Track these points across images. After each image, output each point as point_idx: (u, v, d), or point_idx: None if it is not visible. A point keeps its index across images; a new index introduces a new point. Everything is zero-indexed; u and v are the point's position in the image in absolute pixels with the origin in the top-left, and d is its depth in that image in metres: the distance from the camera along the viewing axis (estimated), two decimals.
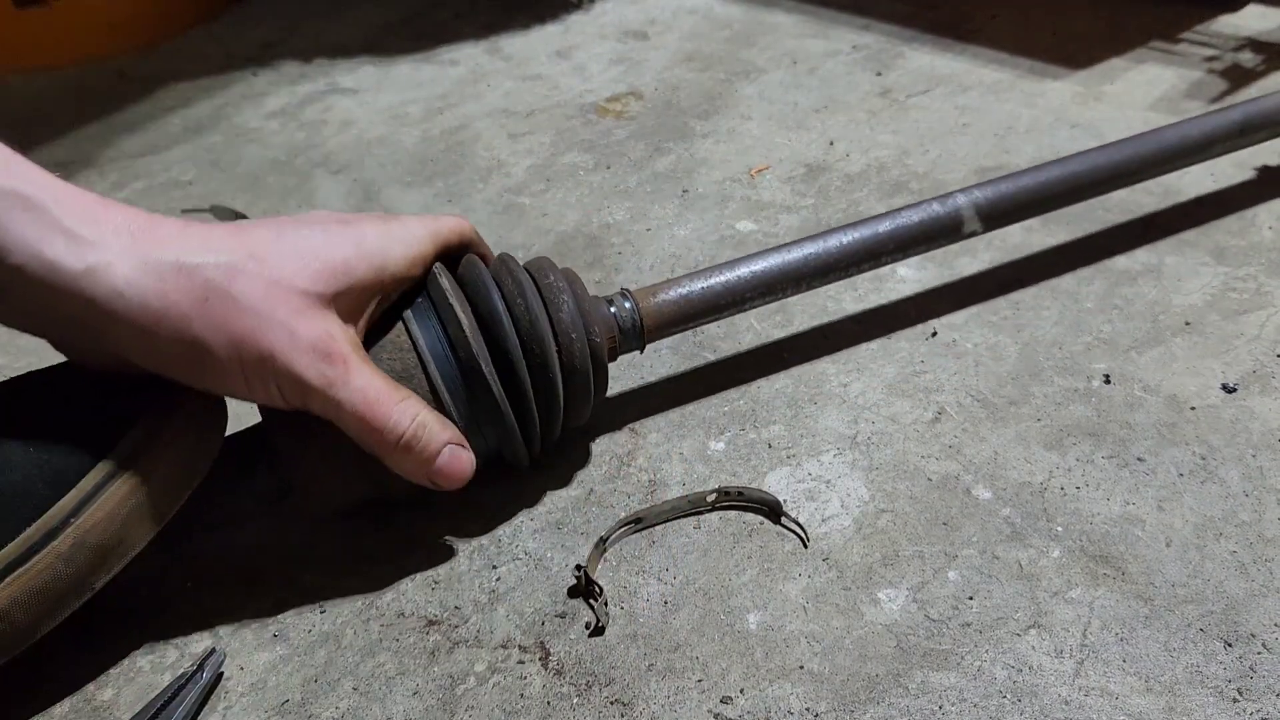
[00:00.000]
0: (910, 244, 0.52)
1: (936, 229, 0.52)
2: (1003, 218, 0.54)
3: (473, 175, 0.78)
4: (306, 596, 0.43)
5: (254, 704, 0.39)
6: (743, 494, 0.45)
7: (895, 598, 0.41)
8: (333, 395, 0.37)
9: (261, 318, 0.36)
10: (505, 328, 0.42)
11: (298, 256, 0.38)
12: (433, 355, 0.41)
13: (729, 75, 0.91)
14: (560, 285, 0.44)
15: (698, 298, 0.48)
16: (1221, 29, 0.90)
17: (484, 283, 0.43)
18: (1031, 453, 0.47)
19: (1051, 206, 0.56)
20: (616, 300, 0.47)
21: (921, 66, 0.89)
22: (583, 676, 0.39)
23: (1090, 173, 0.56)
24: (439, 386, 0.41)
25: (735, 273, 0.49)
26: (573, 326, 0.43)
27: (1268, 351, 0.52)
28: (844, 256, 0.50)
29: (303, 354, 0.37)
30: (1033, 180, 0.54)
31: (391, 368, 0.41)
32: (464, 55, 1.02)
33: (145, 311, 0.35)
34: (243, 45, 1.09)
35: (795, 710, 0.37)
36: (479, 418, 0.43)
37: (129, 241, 0.35)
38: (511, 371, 0.42)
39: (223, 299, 0.36)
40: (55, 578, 0.36)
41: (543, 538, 0.45)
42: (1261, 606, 0.39)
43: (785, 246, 0.50)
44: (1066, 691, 0.37)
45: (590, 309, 0.44)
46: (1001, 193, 0.53)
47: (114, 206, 0.36)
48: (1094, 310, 0.56)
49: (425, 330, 0.42)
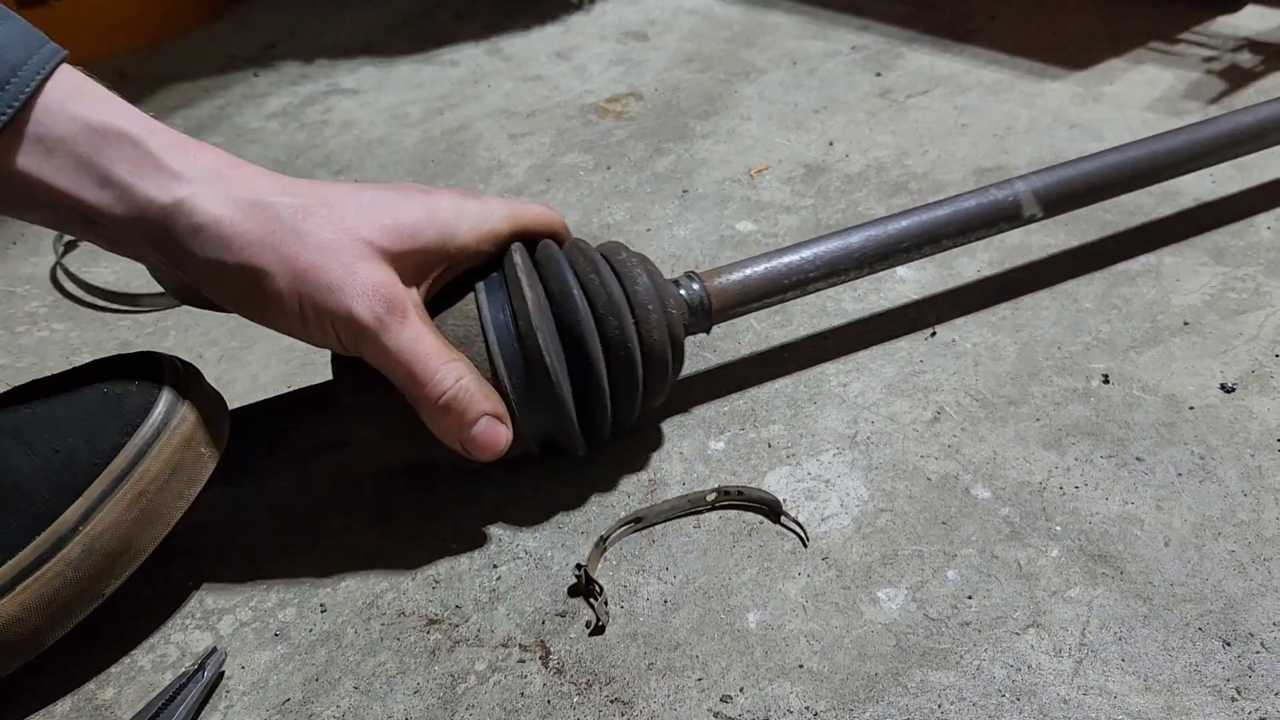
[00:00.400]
0: (969, 228, 0.52)
1: (996, 213, 0.52)
2: (1062, 203, 0.54)
3: (473, 176, 0.78)
4: (307, 596, 0.43)
5: (255, 703, 0.39)
6: (742, 493, 0.45)
7: (894, 597, 0.41)
8: (384, 340, 0.38)
9: (325, 254, 0.38)
10: (576, 301, 0.42)
11: (369, 210, 0.39)
12: (494, 325, 0.42)
13: (729, 76, 0.91)
14: (634, 261, 0.44)
15: (760, 278, 0.48)
16: (1220, 29, 0.90)
17: (556, 259, 0.43)
18: (1030, 452, 0.47)
19: (1112, 193, 0.56)
20: (684, 281, 0.47)
21: (921, 67, 0.89)
22: (583, 675, 0.39)
23: (1150, 159, 0.56)
24: (495, 356, 0.41)
25: (799, 254, 0.49)
26: (649, 298, 0.43)
27: (1266, 351, 0.52)
28: (904, 239, 0.51)
29: (362, 295, 0.38)
30: (1093, 166, 0.55)
31: (454, 334, 0.42)
32: (464, 56, 1.02)
33: (218, 240, 0.37)
34: (244, 46, 1.09)
35: (795, 709, 0.37)
36: (534, 394, 0.42)
37: (215, 178, 0.38)
38: (583, 348, 0.42)
39: (291, 232, 0.38)
40: (65, 585, 0.36)
41: (543, 537, 0.45)
42: (1260, 606, 0.39)
43: (846, 230, 0.51)
44: (1065, 690, 0.37)
45: (664, 284, 0.45)
46: (1062, 178, 0.54)
47: (205, 146, 0.39)
48: (1093, 310, 0.57)
49: (493, 302, 0.43)
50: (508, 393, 0.42)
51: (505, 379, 0.42)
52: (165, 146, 0.37)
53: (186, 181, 0.37)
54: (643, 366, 0.44)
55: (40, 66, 0.36)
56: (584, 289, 0.43)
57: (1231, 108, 0.77)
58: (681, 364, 0.46)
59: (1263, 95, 0.78)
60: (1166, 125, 0.75)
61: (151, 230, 0.37)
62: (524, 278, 0.42)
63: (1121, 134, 0.75)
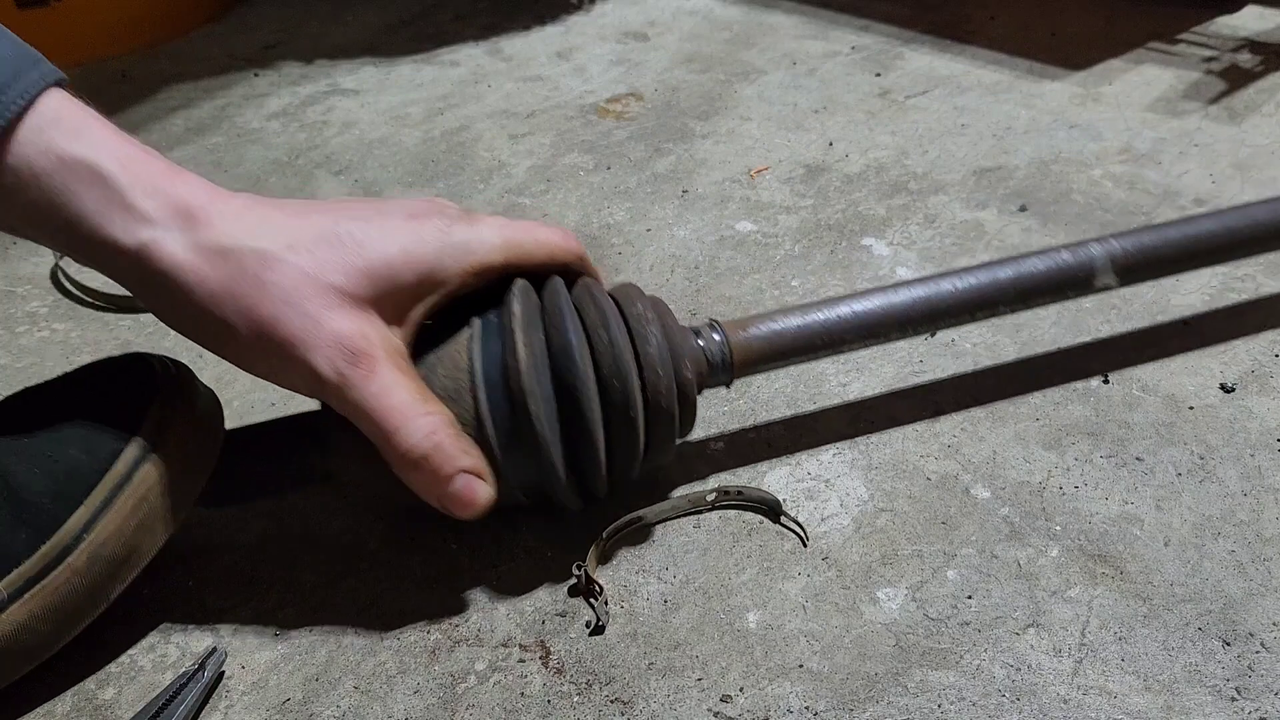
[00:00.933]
0: (1033, 294, 0.47)
1: (1064, 280, 0.47)
2: (1142, 271, 0.49)
3: (474, 176, 0.78)
4: (307, 596, 0.43)
5: (255, 703, 0.39)
6: (742, 493, 0.45)
7: (894, 597, 0.41)
8: (347, 395, 0.37)
9: (288, 305, 0.36)
10: (577, 361, 0.39)
11: (341, 251, 0.37)
12: (486, 380, 0.39)
13: (729, 76, 0.91)
14: (649, 316, 0.41)
15: (792, 335, 0.44)
16: (1220, 30, 0.90)
17: (560, 310, 0.40)
18: (1030, 452, 0.47)
19: (1201, 263, 0.50)
20: (704, 331, 0.44)
21: (920, 67, 0.89)
22: (583, 675, 0.39)
23: (1249, 228, 0.50)
24: (485, 418, 0.39)
25: (835, 311, 0.45)
26: (660, 362, 0.40)
27: (1266, 351, 0.52)
28: (956, 303, 0.46)
29: (323, 348, 0.36)
30: (1179, 234, 0.49)
31: (443, 385, 0.39)
32: (464, 56, 1.02)
33: (180, 288, 0.36)
34: (245, 46, 1.09)
35: (795, 709, 0.37)
36: (524, 455, 0.40)
37: (183, 219, 0.36)
38: (578, 409, 0.39)
39: (254, 282, 0.36)
40: (72, 591, 0.37)
41: (543, 537, 0.45)
42: (1260, 606, 0.39)
43: (893, 287, 0.46)
44: (1065, 690, 0.37)
45: (680, 342, 0.42)
46: (1143, 245, 0.48)
47: (181, 179, 0.37)
48: (1092, 310, 0.57)
49: (487, 352, 0.40)
50: (495, 453, 0.39)
51: (493, 440, 0.39)
52: (136, 183, 0.36)
53: (151, 224, 0.36)
54: (645, 431, 0.41)
55: (22, 94, 0.35)
56: (590, 345, 0.40)
57: (1231, 108, 0.77)
58: (692, 423, 0.43)
59: (1263, 95, 0.78)
60: (1167, 125, 0.75)
61: (120, 270, 0.37)
62: (519, 332, 0.39)
63: (1121, 134, 0.75)
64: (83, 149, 0.36)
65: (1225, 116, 0.76)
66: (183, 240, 0.36)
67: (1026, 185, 0.69)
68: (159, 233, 0.36)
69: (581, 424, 0.39)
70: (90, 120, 0.37)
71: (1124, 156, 0.72)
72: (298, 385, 0.38)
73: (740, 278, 0.62)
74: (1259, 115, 0.76)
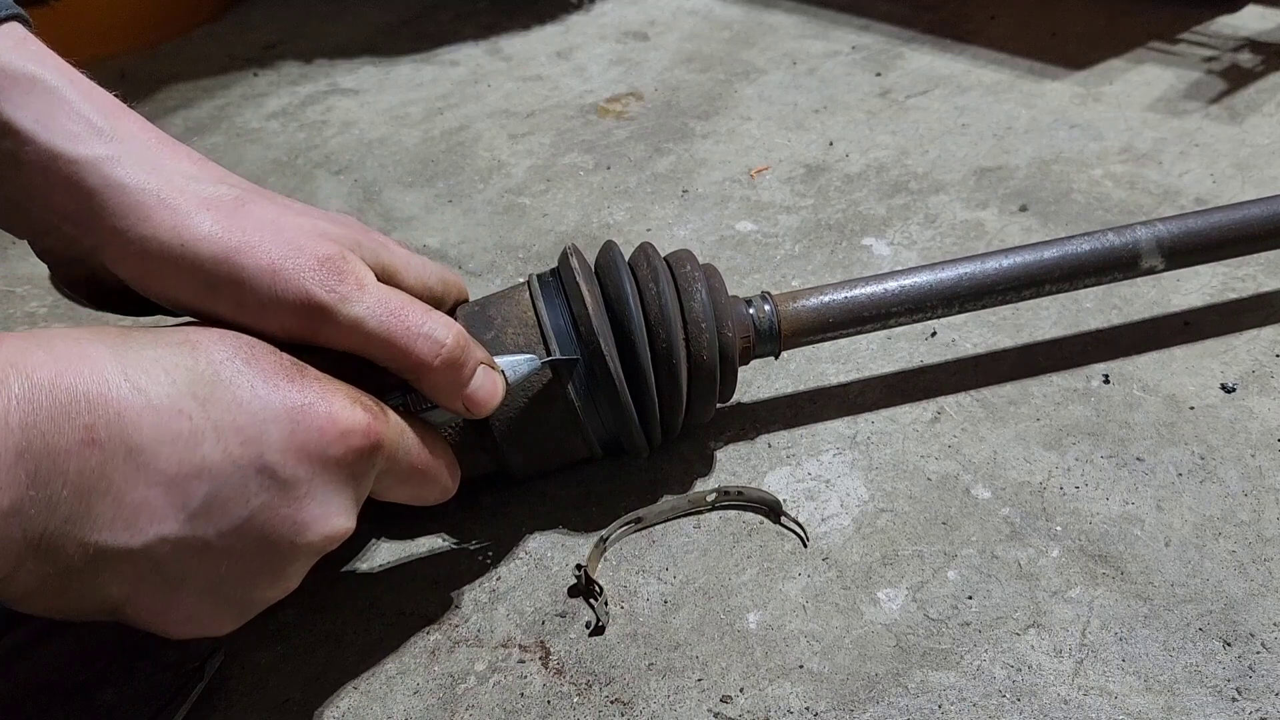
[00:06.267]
0: (1078, 274, 0.48)
1: (1110, 260, 0.48)
2: (1189, 255, 0.49)
3: (473, 176, 0.78)
4: (307, 596, 0.43)
5: (255, 703, 0.39)
6: (742, 493, 0.45)
7: (895, 597, 0.41)
8: (347, 311, 0.33)
9: (269, 231, 0.33)
10: (631, 307, 0.42)
11: (308, 213, 0.36)
12: (555, 331, 0.42)
13: (729, 76, 0.91)
14: (696, 275, 0.44)
15: (839, 307, 0.46)
16: (1220, 29, 0.90)
17: (616, 264, 0.43)
18: (1031, 452, 0.47)
19: (1248, 249, 0.51)
20: (756, 301, 0.46)
21: (921, 67, 0.89)
22: (583, 676, 0.39)
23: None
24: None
25: (883, 285, 0.46)
26: (703, 317, 0.43)
27: (1266, 351, 0.52)
28: (1002, 280, 0.47)
29: (309, 269, 0.33)
30: (1226, 219, 0.49)
31: (515, 343, 0.42)
32: (464, 56, 1.02)
33: (140, 208, 0.32)
34: (244, 46, 1.09)
35: (795, 709, 0.37)
36: (597, 399, 0.42)
37: (144, 145, 0.34)
38: (634, 355, 0.42)
39: (231, 207, 0.34)
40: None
41: (543, 537, 0.45)
42: (1260, 606, 0.39)
43: (941, 264, 0.47)
44: (1066, 691, 0.37)
45: (726, 304, 0.44)
46: (1190, 228, 0.49)
47: (133, 113, 0.35)
48: (1093, 310, 0.57)
49: (550, 305, 0.42)
50: (572, 400, 0.42)
51: (570, 388, 0.41)
52: (86, 100, 0.33)
53: (109, 140, 0.33)
54: (688, 383, 0.43)
55: None
56: (640, 296, 0.42)
57: (1232, 108, 0.77)
58: (734, 386, 0.45)
59: (1263, 95, 0.78)
60: (1167, 125, 0.75)
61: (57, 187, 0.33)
62: (582, 281, 0.42)
63: (1122, 134, 0.75)
64: (28, 64, 0.33)
65: (1226, 116, 0.76)
66: (146, 164, 0.33)
67: (1027, 185, 0.69)
68: (120, 150, 0.33)
69: (637, 368, 0.42)
70: (43, 49, 0.34)
71: (1124, 156, 0.72)
72: (280, 321, 0.33)
73: (740, 277, 0.62)
74: (1259, 115, 0.76)
